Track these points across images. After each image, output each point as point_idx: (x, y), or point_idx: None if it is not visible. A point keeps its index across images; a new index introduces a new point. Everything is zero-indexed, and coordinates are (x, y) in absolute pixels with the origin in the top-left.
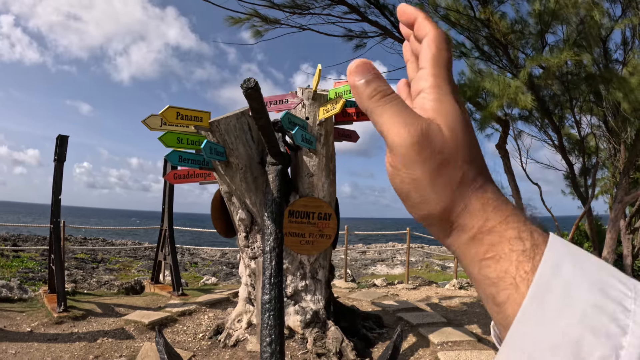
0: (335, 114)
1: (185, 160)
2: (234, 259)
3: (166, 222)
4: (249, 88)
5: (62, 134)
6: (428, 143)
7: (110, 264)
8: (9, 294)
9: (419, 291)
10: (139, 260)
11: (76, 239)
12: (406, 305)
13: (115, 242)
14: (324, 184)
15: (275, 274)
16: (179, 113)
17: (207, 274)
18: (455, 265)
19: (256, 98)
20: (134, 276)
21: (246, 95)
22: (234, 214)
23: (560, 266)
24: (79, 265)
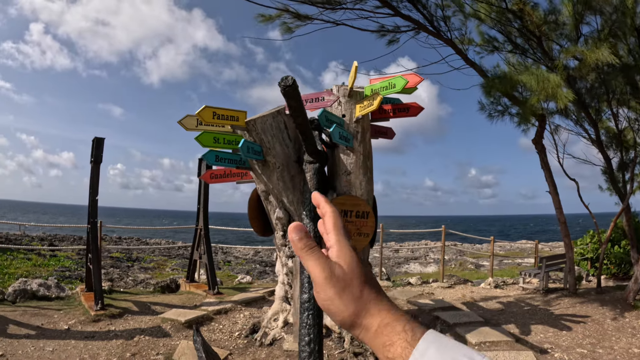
0: (372, 110)
1: (222, 160)
2: (267, 257)
3: (201, 222)
4: (287, 86)
5: (98, 137)
6: (334, 276)
7: (145, 262)
8: (46, 292)
9: (454, 290)
10: (173, 259)
11: (111, 239)
12: (442, 304)
13: (150, 242)
14: (362, 181)
15: None
16: (215, 113)
17: (241, 273)
18: (491, 264)
19: (294, 96)
20: (169, 275)
21: (284, 93)
22: (271, 213)
23: (427, 350)
24: (115, 264)
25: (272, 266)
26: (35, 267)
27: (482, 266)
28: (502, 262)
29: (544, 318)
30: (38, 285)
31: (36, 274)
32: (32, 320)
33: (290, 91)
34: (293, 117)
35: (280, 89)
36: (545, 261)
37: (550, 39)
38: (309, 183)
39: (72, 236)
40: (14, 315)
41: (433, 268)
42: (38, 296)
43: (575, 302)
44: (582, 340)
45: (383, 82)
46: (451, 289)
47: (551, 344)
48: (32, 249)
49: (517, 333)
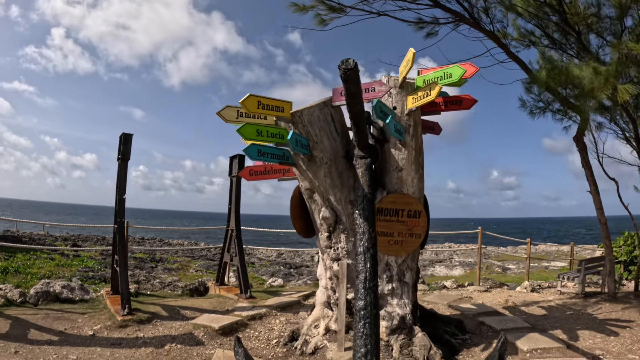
0: (429, 101)
1: (265, 155)
2: (290, 259)
3: (233, 222)
4: (348, 69)
5: (126, 132)
6: None
7: (168, 263)
8: (70, 294)
9: (491, 294)
10: (197, 260)
11: (134, 239)
12: (485, 309)
13: (173, 242)
14: (414, 178)
15: (371, 278)
16: (260, 102)
17: (265, 275)
18: (527, 267)
19: (355, 80)
20: (193, 276)
21: (345, 77)
22: (315, 213)
23: None
24: (139, 265)
25: (297, 268)
26: (58, 267)
27: (509, 269)
28: None
29: (588, 323)
30: (61, 287)
31: (59, 274)
32: (55, 325)
33: (351, 75)
34: (349, 106)
35: (340, 72)
36: (585, 264)
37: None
38: (361, 179)
39: (95, 236)
40: (35, 319)
41: (459, 271)
42: (61, 299)
43: (616, 306)
44: (631, 345)
45: (437, 72)
46: (488, 292)
47: (602, 350)
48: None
49: (565, 339)
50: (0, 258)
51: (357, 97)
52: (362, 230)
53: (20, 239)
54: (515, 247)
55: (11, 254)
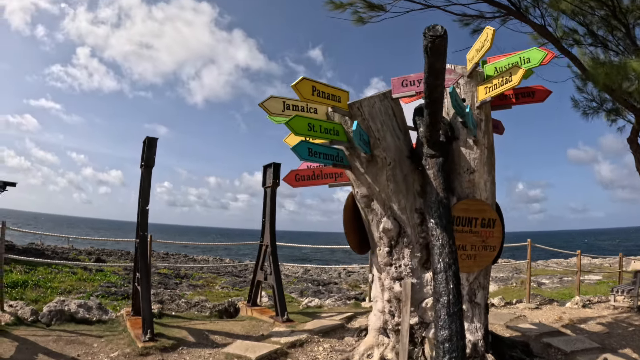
0: (511, 88)
1: (316, 155)
2: (317, 275)
3: (267, 237)
4: (437, 37)
5: (150, 136)
6: None
7: (193, 279)
8: (86, 314)
9: (542, 311)
10: (222, 276)
11: (158, 254)
12: (545, 329)
13: (197, 258)
14: (487, 182)
15: (455, 301)
16: (315, 88)
17: (294, 292)
18: (578, 282)
19: (442, 53)
20: (219, 293)
21: (431, 48)
22: (372, 225)
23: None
24: (162, 281)
25: (325, 285)
26: (80, 282)
27: (543, 284)
28: (562, 279)
29: None
30: (77, 305)
31: (80, 289)
32: (67, 350)
33: (440, 44)
34: (429, 88)
35: (424, 41)
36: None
37: None
38: (434, 182)
39: (119, 251)
40: (45, 342)
41: (493, 287)
42: (77, 319)
43: None
44: None
45: (511, 57)
46: (539, 310)
47: None
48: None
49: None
50: (20, 271)
51: (441, 76)
52: (440, 243)
53: (43, 252)
54: (547, 261)
55: (32, 267)
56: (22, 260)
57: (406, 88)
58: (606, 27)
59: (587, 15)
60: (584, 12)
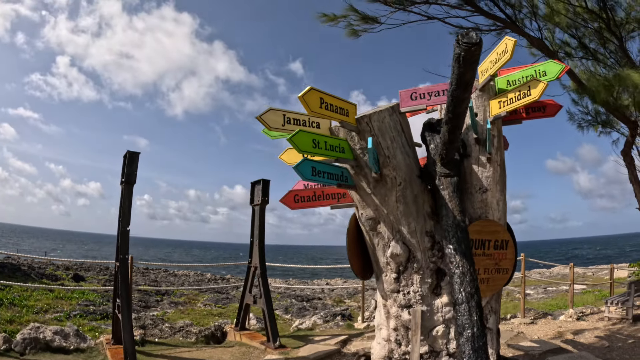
0: (531, 102)
1: (320, 174)
2: (301, 290)
3: (256, 258)
4: (472, 44)
5: (132, 150)
6: None
7: (174, 296)
8: (63, 342)
9: (538, 326)
10: (204, 293)
11: (138, 269)
12: (547, 346)
13: (178, 273)
14: (499, 201)
15: (480, 334)
16: (323, 100)
17: (279, 309)
18: (571, 294)
19: (475, 62)
20: (202, 311)
21: (465, 56)
22: (378, 249)
23: None
24: (143, 298)
25: (310, 300)
26: (57, 300)
27: (528, 295)
28: (546, 289)
29: None
30: (53, 333)
31: (57, 308)
32: None
33: (476, 52)
34: (455, 101)
35: (457, 49)
36: (634, 286)
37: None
38: (450, 204)
39: (98, 265)
40: None
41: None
42: (52, 347)
43: None
44: None
45: (525, 70)
46: (535, 325)
47: None
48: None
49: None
50: None
51: (470, 89)
52: (461, 271)
53: (19, 267)
54: (529, 271)
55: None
56: None
57: (415, 101)
58: (599, 39)
59: (580, 27)
60: (578, 24)
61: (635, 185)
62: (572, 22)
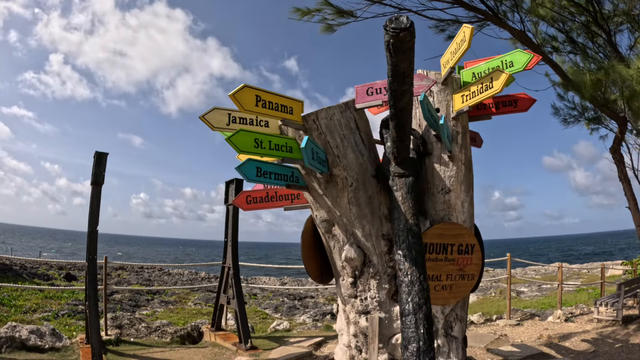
0: (494, 94)
1: (266, 175)
2: (294, 289)
3: (230, 259)
4: (401, 29)
5: (100, 151)
6: None
7: (166, 295)
8: (38, 341)
9: (524, 327)
10: (196, 292)
11: (132, 268)
12: (529, 351)
13: (172, 272)
14: (464, 202)
15: (426, 349)
16: (260, 97)
17: (269, 308)
18: (560, 294)
19: (408, 50)
20: (191, 310)
21: (394, 43)
22: (334, 252)
23: None
24: (133, 297)
25: (301, 299)
26: (46, 300)
27: (522, 292)
28: (541, 287)
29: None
30: (29, 332)
31: (46, 307)
32: None
33: (405, 39)
34: (395, 95)
35: (386, 37)
36: (624, 287)
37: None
38: (402, 206)
39: None
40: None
41: (472, 297)
42: (28, 346)
43: None
44: None
45: (491, 61)
46: (521, 326)
47: None
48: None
49: None
50: None
51: (408, 80)
52: (409, 279)
53: (11, 267)
54: (525, 269)
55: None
56: None
57: (372, 97)
58: (587, 33)
59: (567, 21)
60: (564, 18)
61: (624, 183)
62: (558, 16)
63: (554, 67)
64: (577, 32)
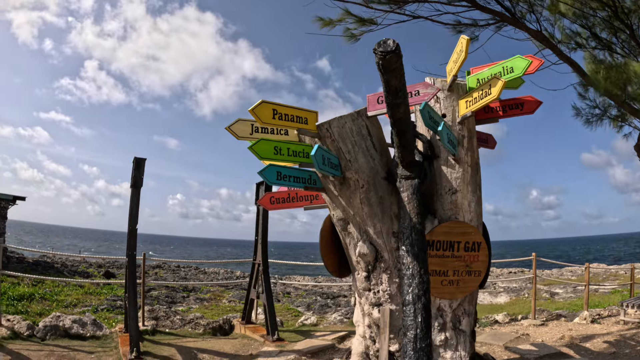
0: (490, 102)
1: (286, 178)
2: (328, 288)
3: (260, 256)
4: (387, 52)
5: (138, 157)
6: None
7: (201, 293)
8: (80, 330)
9: (548, 327)
10: (231, 290)
11: (169, 267)
12: (546, 350)
13: (208, 271)
14: (471, 202)
15: (423, 336)
16: (277, 111)
17: (302, 306)
18: (586, 295)
19: (397, 69)
20: (225, 307)
21: (383, 64)
22: (350, 248)
23: None
24: (170, 294)
25: (334, 298)
26: (87, 295)
27: (557, 294)
28: (576, 288)
29: None
30: (72, 321)
31: (86, 302)
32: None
33: (392, 60)
34: (391, 108)
35: (376, 58)
36: None
37: None
38: (408, 206)
39: None
40: (38, 356)
41: (504, 298)
42: (70, 334)
43: None
44: None
45: (493, 67)
46: (545, 326)
47: None
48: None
49: None
50: (28, 284)
51: (401, 94)
52: (410, 273)
53: (52, 265)
54: (561, 270)
55: (40, 280)
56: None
57: (382, 105)
58: (609, 29)
59: (589, 17)
60: (586, 14)
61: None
62: (579, 12)
63: (572, 65)
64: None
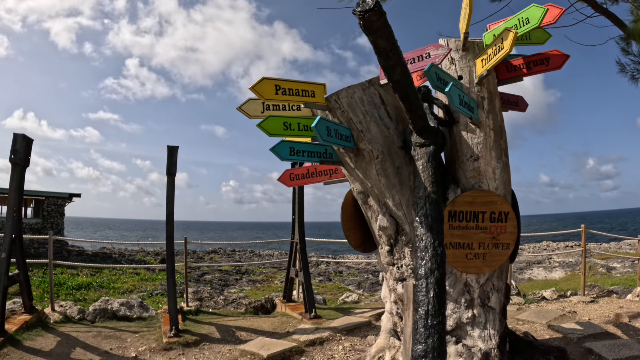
0: (504, 56)
1: (299, 153)
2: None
3: (297, 234)
4: (366, 11)
5: (171, 145)
6: None
7: (254, 275)
8: (127, 312)
9: (598, 305)
10: (283, 271)
11: (225, 252)
12: (592, 330)
13: (262, 254)
14: (495, 169)
15: (435, 313)
16: (279, 86)
17: (352, 284)
18: (639, 270)
19: (381, 28)
20: (276, 287)
21: (364, 24)
22: (372, 221)
23: None
24: (223, 277)
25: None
26: (142, 282)
27: (614, 268)
28: (634, 262)
29: None
30: (119, 304)
31: (142, 288)
32: (103, 344)
33: (373, 19)
34: (385, 70)
35: (357, 18)
36: None
37: None
38: (422, 175)
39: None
40: (85, 337)
41: (559, 273)
42: (118, 316)
43: None
44: None
45: (509, 20)
46: (595, 303)
47: None
48: (144, 264)
49: None
50: (87, 274)
51: (392, 54)
52: (423, 245)
53: (110, 256)
54: (619, 243)
55: (98, 270)
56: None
57: None
58: None
59: None
60: None
61: None
62: None
63: (610, 17)
64: None
